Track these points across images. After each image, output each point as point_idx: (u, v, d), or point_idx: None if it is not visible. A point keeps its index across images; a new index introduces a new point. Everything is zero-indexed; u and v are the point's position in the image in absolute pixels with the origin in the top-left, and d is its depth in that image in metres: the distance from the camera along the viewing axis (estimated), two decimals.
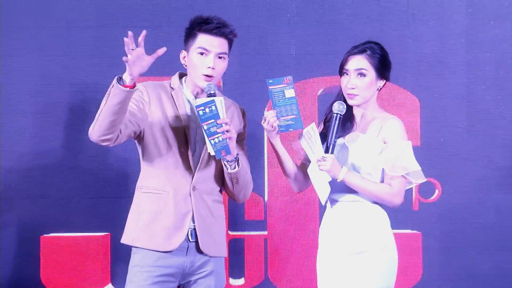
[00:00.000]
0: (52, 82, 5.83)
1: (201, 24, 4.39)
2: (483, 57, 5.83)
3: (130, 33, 3.99)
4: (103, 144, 4.25)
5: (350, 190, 4.37)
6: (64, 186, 5.78)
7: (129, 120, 4.28)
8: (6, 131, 5.84)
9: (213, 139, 4.22)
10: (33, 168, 5.83)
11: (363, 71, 4.41)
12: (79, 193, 5.78)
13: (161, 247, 4.37)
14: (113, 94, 4.10)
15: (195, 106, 4.24)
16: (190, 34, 4.42)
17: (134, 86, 4.08)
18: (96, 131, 4.20)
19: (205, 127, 4.19)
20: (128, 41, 3.99)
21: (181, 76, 4.56)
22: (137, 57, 4.08)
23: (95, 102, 5.36)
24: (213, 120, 4.20)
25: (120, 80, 4.09)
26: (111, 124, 4.20)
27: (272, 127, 4.34)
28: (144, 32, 4.03)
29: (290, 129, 4.37)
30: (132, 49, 4.03)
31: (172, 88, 4.52)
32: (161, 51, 4.07)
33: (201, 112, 4.20)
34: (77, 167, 5.77)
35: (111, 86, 4.07)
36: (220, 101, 4.24)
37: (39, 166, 5.84)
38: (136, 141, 4.45)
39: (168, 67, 4.80)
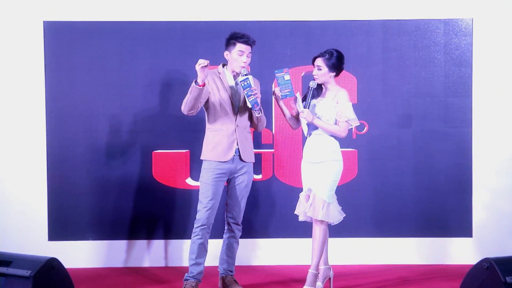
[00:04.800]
0: (159, 70, 6.00)
1: (238, 38, 4.94)
2: (391, 55, 6.04)
3: (208, 61, 4.64)
4: (189, 115, 4.92)
5: (318, 128, 4.99)
6: (164, 126, 6.01)
7: (202, 98, 4.86)
8: (134, 100, 5.97)
9: (250, 98, 4.83)
10: (146, 116, 6.00)
11: (319, 67, 4.97)
12: (173, 129, 5.98)
13: (222, 159, 4.98)
14: (193, 91, 4.74)
15: (239, 81, 4.85)
16: (231, 42, 4.97)
17: (204, 85, 4.70)
18: (185, 110, 4.88)
19: (245, 92, 4.84)
20: (206, 65, 4.65)
21: (223, 65, 5.08)
22: (206, 73, 4.70)
23: (181, 82, 5.94)
24: (249, 88, 4.82)
25: (195, 82, 4.70)
26: (193, 106, 4.85)
27: (278, 96, 4.99)
28: (208, 62, 4.66)
29: (287, 97, 4.99)
30: (203, 68, 4.66)
31: (219, 72, 5.04)
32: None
33: (242, 84, 4.82)
34: (171, 115, 5.94)
35: (191, 86, 4.71)
36: (251, 77, 4.84)
37: (149, 114, 6.00)
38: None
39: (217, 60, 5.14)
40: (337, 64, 5.00)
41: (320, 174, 4.98)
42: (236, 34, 4.97)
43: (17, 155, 6.04)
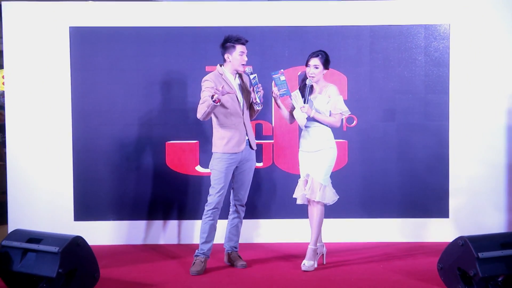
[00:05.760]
0: (172, 70, 5.99)
1: (236, 41, 4.92)
2: (378, 57, 6.04)
3: (222, 89, 4.64)
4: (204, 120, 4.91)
5: (315, 120, 5.00)
6: (176, 119, 6.00)
7: None
8: (149, 96, 6.00)
9: (257, 93, 4.88)
10: (160, 111, 5.99)
11: (317, 65, 4.99)
12: (184, 122, 5.97)
13: (236, 150, 4.98)
14: (211, 106, 4.69)
15: (252, 78, 4.87)
16: (229, 45, 4.92)
17: (219, 101, 4.69)
18: (201, 118, 4.84)
19: (255, 88, 4.89)
20: (221, 90, 4.62)
21: (220, 66, 5.01)
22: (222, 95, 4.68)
23: (190, 80, 5.85)
24: (257, 85, 4.87)
25: (213, 100, 4.67)
26: (209, 116, 4.81)
27: (276, 95, 4.99)
28: (226, 90, 4.68)
29: (284, 95, 4.99)
30: (219, 91, 4.65)
31: (220, 74, 4.97)
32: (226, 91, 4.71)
33: (253, 81, 4.87)
34: (182, 110, 5.96)
35: (209, 103, 4.68)
36: (256, 75, 4.88)
37: (163, 109, 5.99)
38: None
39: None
40: (328, 62, 5.05)
41: (317, 161, 5.00)
42: (232, 38, 4.94)
43: (46, 146, 6.05)
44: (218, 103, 4.72)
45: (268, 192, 6.13)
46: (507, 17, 6.03)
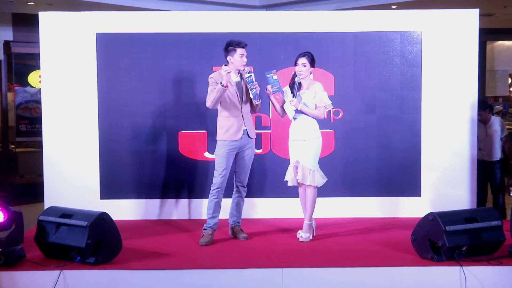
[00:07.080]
0: (183, 70, 5.94)
1: (237, 44, 4.86)
2: (361, 58, 5.97)
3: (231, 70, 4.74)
4: (213, 108, 4.91)
5: (302, 113, 4.94)
6: (187, 112, 5.94)
7: None
8: (164, 92, 5.94)
9: (252, 90, 4.81)
10: (173, 105, 5.94)
11: (304, 63, 4.93)
12: (194, 114, 5.89)
13: (234, 138, 4.94)
14: (220, 91, 4.70)
15: (246, 77, 4.81)
16: (231, 49, 4.87)
17: (227, 86, 4.70)
18: (211, 106, 4.84)
19: (249, 85, 4.82)
20: (229, 72, 4.67)
21: (225, 66, 4.96)
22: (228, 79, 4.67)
23: (199, 79, 5.73)
24: (251, 83, 4.80)
25: (221, 84, 4.70)
26: (217, 103, 4.78)
27: (270, 92, 4.91)
28: (230, 75, 4.75)
29: (277, 92, 4.91)
30: (228, 74, 4.69)
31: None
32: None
33: (248, 80, 4.80)
34: (192, 104, 5.89)
35: (219, 87, 4.70)
36: (253, 74, 4.82)
37: (176, 104, 5.93)
38: None
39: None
40: (314, 61, 5.00)
41: (306, 149, 4.95)
42: (234, 42, 4.88)
43: (76, 135, 6.01)
44: (227, 88, 4.73)
45: (266, 175, 6.07)
46: (470, 25, 5.97)
